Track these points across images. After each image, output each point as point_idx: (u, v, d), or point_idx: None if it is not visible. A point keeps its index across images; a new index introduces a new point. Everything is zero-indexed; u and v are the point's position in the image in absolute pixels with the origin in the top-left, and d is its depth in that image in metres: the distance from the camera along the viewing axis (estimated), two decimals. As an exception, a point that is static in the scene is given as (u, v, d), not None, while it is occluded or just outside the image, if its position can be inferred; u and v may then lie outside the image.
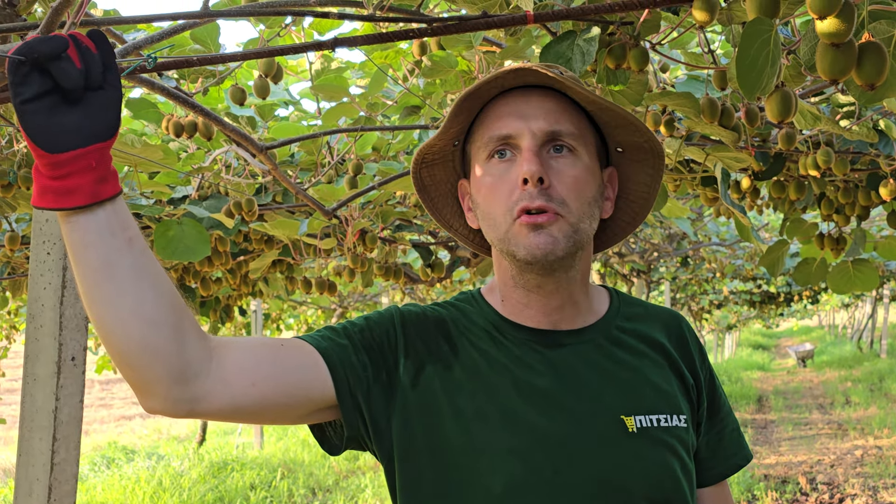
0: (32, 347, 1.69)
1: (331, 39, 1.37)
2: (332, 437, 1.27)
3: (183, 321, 1.08)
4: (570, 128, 1.23)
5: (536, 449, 1.20)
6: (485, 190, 1.25)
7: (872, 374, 16.30)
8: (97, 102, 1.00)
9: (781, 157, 2.44)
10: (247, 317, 9.01)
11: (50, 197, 1.01)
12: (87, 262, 1.03)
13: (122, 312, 1.04)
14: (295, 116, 3.25)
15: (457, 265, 4.23)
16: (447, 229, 1.42)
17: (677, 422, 1.27)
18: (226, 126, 2.13)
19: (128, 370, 1.07)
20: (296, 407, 1.19)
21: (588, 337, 1.29)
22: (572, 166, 1.22)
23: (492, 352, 1.26)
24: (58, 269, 1.65)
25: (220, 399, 1.11)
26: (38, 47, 0.96)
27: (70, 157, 0.99)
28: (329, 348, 1.21)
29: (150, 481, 8.39)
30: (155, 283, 1.06)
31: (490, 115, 1.26)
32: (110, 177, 1.03)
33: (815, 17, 0.99)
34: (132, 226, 1.06)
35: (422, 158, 1.33)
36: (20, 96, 0.97)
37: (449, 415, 1.22)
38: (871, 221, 5.04)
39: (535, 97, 1.24)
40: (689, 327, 1.40)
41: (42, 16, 1.86)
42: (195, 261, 2.55)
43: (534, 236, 1.19)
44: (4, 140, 2.54)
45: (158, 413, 1.11)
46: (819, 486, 7.67)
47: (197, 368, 1.09)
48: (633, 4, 1.32)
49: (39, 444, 1.67)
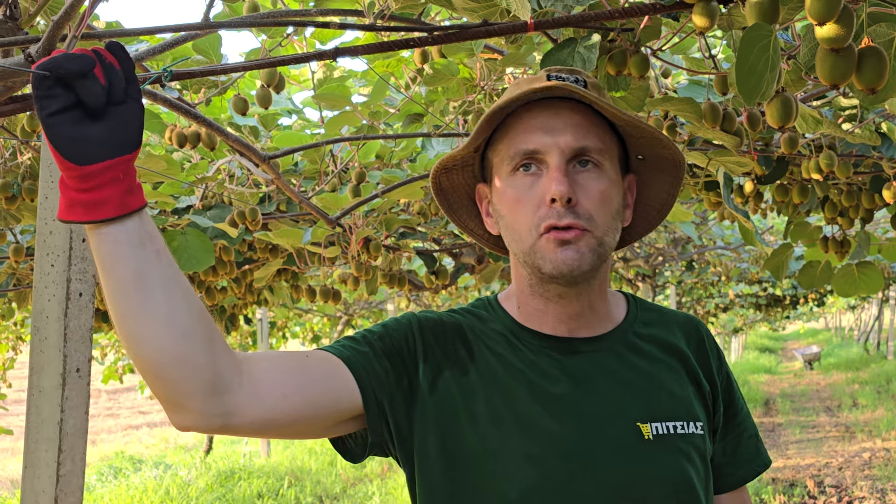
0: (37, 359, 1.69)
1: (332, 49, 1.38)
2: (352, 447, 1.27)
3: (213, 333, 1.07)
4: (597, 143, 1.23)
5: (552, 455, 1.20)
6: (509, 203, 1.24)
7: (880, 376, 16.25)
8: (120, 115, 1.01)
9: (784, 161, 2.44)
10: (252, 325, 9.03)
11: (79, 210, 1.00)
12: (117, 274, 1.02)
13: (154, 324, 1.03)
14: (298, 125, 3.26)
15: (461, 272, 4.23)
16: (463, 229, 1.43)
17: (694, 429, 1.27)
18: (229, 136, 2.13)
19: (160, 384, 1.05)
20: (324, 418, 1.19)
21: (605, 344, 1.29)
22: (598, 181, 1.22)
23: (508, 357, 1.27)
24: (62, 280, 1.65)
25: (253, 412, 1.10)
26: (65, 65, 0.96)
27: (98, 170, 0.99)
28: (352, 357, 1.21)
29: (157, 491, 8.39)
30: (184, 295, 1.05)
31: (515, 127, 1.25)
32: (136, 188, 1.03)
33: (815, 23, 0.99)
34: (158, 238, 1.05)
35: (443, 166, 1.33)
36: (46, 109, 0.97)
37: (466, 420, 1.22)
38: (876, 224, 5.03)
39: (563, 111, 1.23)
40: (707, 332, 1.40)
41: (44, 29, 1.87)
42: (200, 270, 2.56)
43: (561, 252, 1.19)
44: (8, 152, 2.55)
45: (190, 429, 1.10)
46: (827, 489, 7.65)
47: (228, 381, 1.08)
48: (634, 11, 1.33)
49: (45, 456, 1.67)
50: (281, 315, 9.41)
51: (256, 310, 9.11)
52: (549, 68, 1.28)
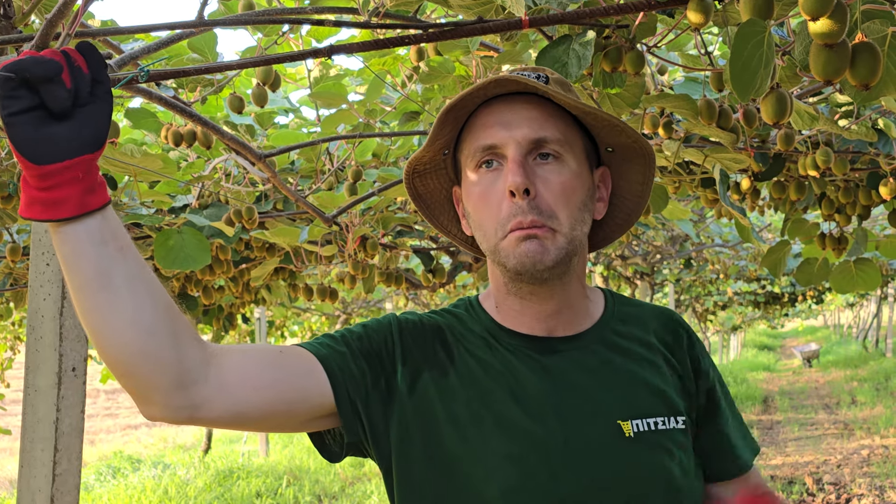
0: (33, 358, 1.69)
1: (328, 47, 1.37)
2: (331, 444, 1.27)
3: (179, 328, 1.08)
4: (555, 134, 1.23)
5: (533, 455, 1.20)
6: (474, 200, 1.25)
7: (878, 374, 16.26)
8: (85, 116, 1.00)
9: (781, 158, 2.44)
10: (251, 324, 9.02)
11: (37, 208, 1.01)
12: (79, 272, 1.03)
13: (117, 321, 1.04)
14: (294, 124, 3.25)
15: (459, 270, 4.23)
16: (445, 234, 1.43)
17: (675, 423, 1.26)
18: (224, 135, 2.13)
19: (126, 379, 1.07)
20: (296, 414, 1.19)
21: (583, 342, 1.29)
22: (559, 173, 1.22)
23: (487, 359, 1.27)
24: (57, 280, 1.65)
25: (220, 405, 1.11)
26: (31, 68, 0.96)
27: (57, 169, 0.99)
28: (328, 355, 1.22)
29: (155, 490, 8.39)
30: (149, 291, 1.06)
31: (475, 124, 1.26)
32: (98, 187, 1.03)
33: (808, 19, 0.99)
34: (123, 235, 1.06)
35: (412, 169, 1.34)
36: (7, 109, 0.97)
37: (445, 422, 1.22)
38: (873, 220, 5.03)
39: (519, 105, 1.24)
40: (683, 323, 1.40)
41: (38, 27, 1.86)
42: (196, 269, 2.55)
43: (524, 245, 1.20)
44: (4, 152, 2.54)
45: (159, 420, 1.11)
46: (825, 486, 7.65)
47: (195, 375, 1.09)
48: (629, 8, 1.33)
49: (41, 455, 1.67)
50: (279, 314, 9.41)
51: (255, 309, 9.11)
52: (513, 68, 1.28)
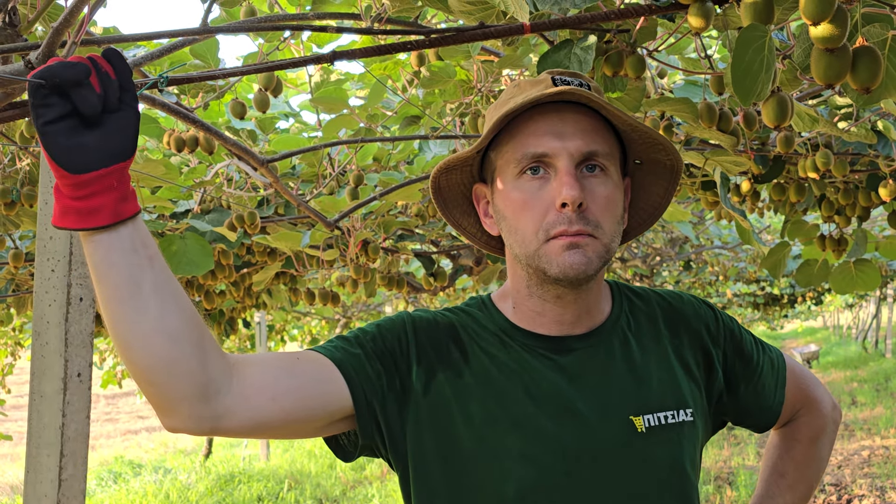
0: (38, 364, 1.70)
1: (329, 52, 1.38)
2: (345, 445, 1.28)
3: (204, 338, 1.08)
4: (604, 147, 1.23)
5: (548, 453, 1.21)
6: (515, 205, 1.24)
7: (878, 374, 16.26)
8: (115, 123, 1.01)
9: (781, 160, 2.45)
10: (251, 329, 9.02)
11: (72, 217, 1.01)
12: (110, 280, 1.03)
13: (146, 329, 1.04)
14: (295, 129, 3.26)
15: (459, 274, 4.24)
16: (456, 228, 1.43)
17: (684, 416, 1.28)
18: (227, 140, 2.14)
19: (151, 388, 1.07)
20: (314, 420, 1.20)
21: (596, 340, 1.30)
22: (605, 186, 1.23)
23: (502, 357, 1.27)
24: (62, 286, 1.66)
25: (242, 415, 1.12)
26: (61, 73, 0.96)
27: (92, 178, 1.00)
28: (343, 359, 1.22)
29: (157, 495, 8.39)
30: (176, 300, 1.06)
31: (523, 130, 1.24)
32: (130, 196, 1.04)
33: (809, 23, 1.00)
34: (151, 244, 1.06)
35: (445, 167, 1.33)
36: (42, 118, 0.98)
37: (460, 421, 1.23)
38: (873, 222, 5.04)
39: (571, 115, 1.23)
40: (690, 301, 1.40)
41: (43, 35, 1.87)
42: (199, 274, 2.56)
43: (568, 255, 1.20)
44: (7, 158, 2.55)
45: (181, 431, 1.11)
46: (826, 487, 7.65)
47: (218, 385, 1.09)
48: (630, 12, 1.33)
49: (47, 461, 1.68)
50: (279, 318, 9.41)
51: (255, 313, 9.12)
52: (550, 70, 1.28)
